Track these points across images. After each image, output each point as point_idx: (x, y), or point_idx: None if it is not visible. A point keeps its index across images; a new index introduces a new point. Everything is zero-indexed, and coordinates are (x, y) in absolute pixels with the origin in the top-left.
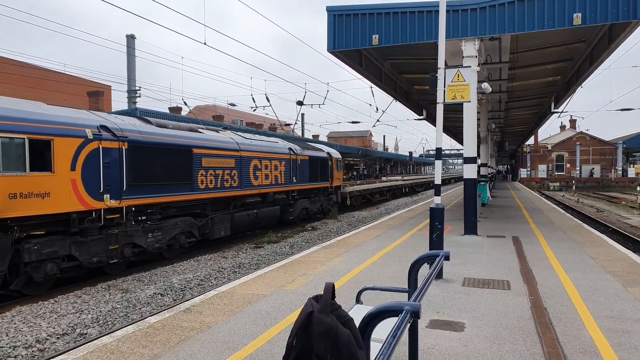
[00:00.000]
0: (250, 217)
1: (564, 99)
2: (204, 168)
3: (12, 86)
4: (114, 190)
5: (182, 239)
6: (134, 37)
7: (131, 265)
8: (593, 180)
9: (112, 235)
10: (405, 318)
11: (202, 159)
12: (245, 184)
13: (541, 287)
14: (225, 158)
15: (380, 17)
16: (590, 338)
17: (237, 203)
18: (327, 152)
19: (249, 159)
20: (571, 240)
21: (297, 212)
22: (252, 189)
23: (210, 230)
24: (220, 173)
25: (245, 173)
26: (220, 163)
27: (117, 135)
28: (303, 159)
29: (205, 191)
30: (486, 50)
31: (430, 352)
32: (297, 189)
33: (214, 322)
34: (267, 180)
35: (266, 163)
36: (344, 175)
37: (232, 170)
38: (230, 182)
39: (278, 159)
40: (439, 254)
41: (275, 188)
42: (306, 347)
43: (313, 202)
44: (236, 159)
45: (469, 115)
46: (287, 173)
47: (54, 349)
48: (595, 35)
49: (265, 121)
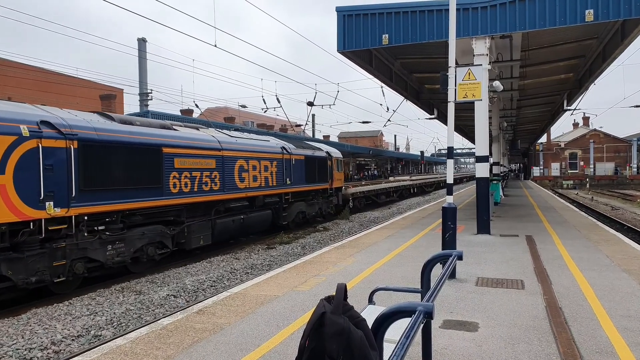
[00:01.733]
0: (236, 224)
1: (576, 96)
2: (178, 170)
3: (25, 90)
4: (59, 197)
5: (151, 251)
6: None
7: (88, 282)
8: (607, 178)
9: (59, 249)
10: (418, 319)
11: (175, 159)
12: (228, 186)
13: (556, 286)
14: (203, 158)
15: (390, 16)
16: (606, 338)
17: (220, 208)
18: (326, 151)
19: (233, 158)
20: (586, 239)
21: (292, 217)
22: (237, 192)
23: (187, 240)
24: (197, 175)
25: (229, 175)
26: (198, 164)
27: (63, 133)
28: (298, 158)
29: (179, 196)
30: (497, 48)
31: (443, 353)
32: (291, 192)
33: (226, 323)
34: (255, 182)
35: (254, 163)
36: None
37: (213, 171)
38: (211, 185)
39: (268, 158)
40: (452, 254)
41: (266, 191)
42: (319, 349)
43: (310, 206)
44: (217, 159)
45: (481, 113)
46: (280, 174)
47: (69, 350)
48: (607, 31)
49: (276, 122)
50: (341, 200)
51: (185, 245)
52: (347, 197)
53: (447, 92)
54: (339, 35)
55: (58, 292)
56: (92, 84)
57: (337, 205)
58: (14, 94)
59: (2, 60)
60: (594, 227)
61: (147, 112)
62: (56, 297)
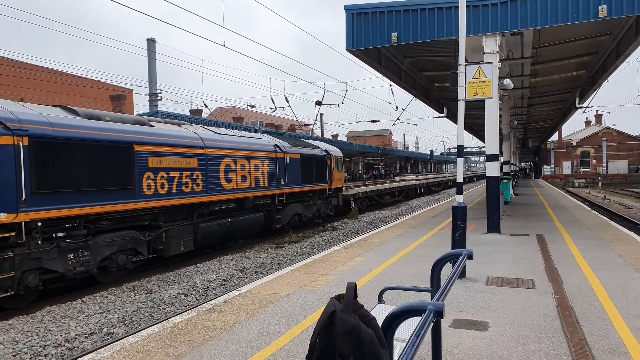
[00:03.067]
0: (222, 227)
1: (589, 94)
2: (153, 169)
3: (36, 91)
4: (5, 201)
5: (122, 259)
6: (154, 41)
7: (45, 296)
8: (620, 177)
9: (6, 260)
10: (428, 318)
11: (150, 158)
12: (213, 187)
13: (567, 285)
14: (183, 157)
15: (399, 14)
16: (619, 338)
17: (204, 211)
18: (324, 149)
19: (219, 157)
20: (598, 238)
21: (287, 219)
22: (223, 194)
23: (165, 246)
24: (176, 175)
25: (214, 175)
26: (177, 163)
27: (10, 128)
28: (293, 157)
29: (155, 198)
30: (508, 45)
31: (453, 352)
32: (285, 192)
33: (236, 321)
34: (244, 182)
35: (243, 162)
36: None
37: (195, 171)
38: (192, 186)
39: (259, 157)
40: (462, 253)
41: (256, 192)
42: (329, 347)
43: (307, 207)
44: (200, 157)
45: (491, 112)
46: (272, 174)
47: (82, 347)
48: (621, 27)
49: (285, 122)
50: (341, 202)
51: (163, 252)
52: (348, 198)
53: (457, 90)
54: (348, 33)
55: (8, 307)
56: (103, 84)
57: (337, 207)
58: (26, 95)
59: (16, 62)
60: (606, 226)
61: (156, 112)
62: (69, 295)
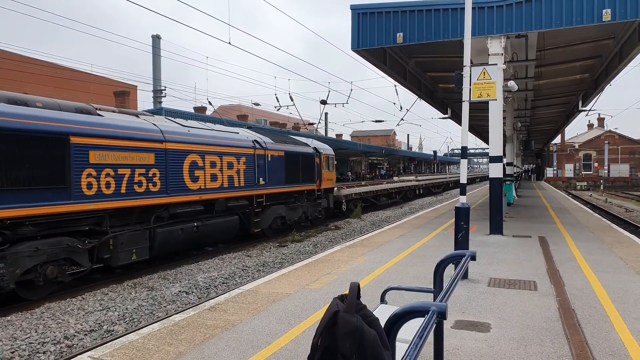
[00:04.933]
0: (187, 233)
1: (592, 97)
2: (95, 165)
3: (40, 86)
4: None
5: (52, 271)
6: (159, 38)
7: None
8: (622, 180)
9: None
10: (431, 319)
11: (91, 152)
12: (174, 187)
13: (569, 288)
14: (137, 151)
15: (405, 15)
16: (620, 340)
17: (163, 214)
18: (313, 146)
19: (183, 153)
20: (599, 241)
21: (268, 223)
22: (187, 195)
23: (113, 254)
24: (126, 173)
25: (176, 172)
26: (128, 158)
27: None
28: (276, 154)
29: (97, 199)
30: (512, 47)
31: (455, 353)
32: (265, 193)
33: (238, 320)
34: (214, 182)
35: (213, 159)
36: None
37: (151, 168)
38: (147, 185)
39: (234, 154)
40: (465, 254)
41: (229, 192)
42: (331, 347)
43: (292, 210)
44: (159, 152)
45: (495, 113)
46: (250, 172)
47: (82, 345)
48: (625, 31)
49: (289, 120)
50: (332, 203)
51: (111, 261)
52: (340, 200)
53: (461, 92)
54: (354, 33)
55: None
56: (107, 80)
57: (328, 209)
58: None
59: (20, 57)
60: (608, 228)
61: (160, 109)
62: (69, 292)
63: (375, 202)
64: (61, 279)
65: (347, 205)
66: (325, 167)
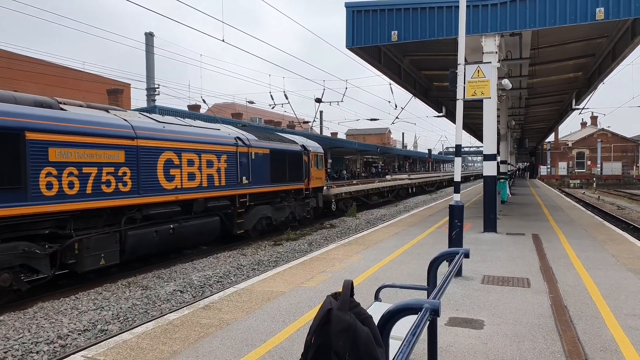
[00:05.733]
0: (162, 235)
1: (585, 96)
2: (56, 164)
3: (31, 84)
4: None
5: (5, 279)
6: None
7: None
8: (614, 178)
9: None
10: (425, 316)
11: (51, 149)
12: (148, 187)
13: (561, 284)
14: (104, 149)
15: (400, 13)
16: (611, 336)
17: (136, 216)
18: (301, 144)
19: (156, 150)
20: (592, 238)
21: (252, 224)
22: (161, 195)
23: (79, 259)
24: (92, 171)
25: (149, 171)
26: (94, 156)
27: None
28: (260, 152)
29: (58, 200)
30: (506, 46)
31: (449, 350)
32: (249, 193)
33: (232, 319)
34: (192, 181)
35: (190, 157)
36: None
37: (121, 167)
38: (117, 185)
39: (214, 151)
40: (458, 252)
41: (209, 192)
42: (325, 345)
43: (279, 210)
44: (129, 150)
45: (489, 112)
46: (232, 171)
47: (76, 344)
48: (618, 30)
49: (284, 119)
50: (321, 203)
51: (76, 266)
52: (330, 199)
53: (456, 90)
54: (348, 31)
55: None
56: (99, 78)
57: (317, 209)
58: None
59: (11, 54)
60: (600, 226)
61: (154, 107)
62: (63, 291)
63: (366, 201)
64: (17, 287)
65: (337, 205)
66: (314, 166)
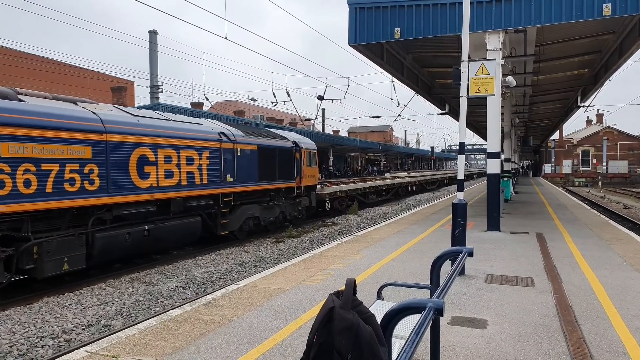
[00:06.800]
0: (136, 237)
1: (591, 93)
2: (8, 160)
3: (36, 82)
4: None
5: None
6: (156, 33)
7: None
8: (620, 176)
9: None
10: (428, 315)
11: (3, 143)
12: (118, 185)
13: (566, 284)
14: (67, 143)
15: (403, 9)
16: (617, 337)
17: (105, 216)
18: (292, 140)
19: (129, 146)
20: (597, 237)
21: (238, 224)
22: (134, 194)
23: (38, 264)
24: (53, 168)
25: (119, 168)
26: (55, 152)
27: None
28: (247, 148)
29: (11, 200)
30: (511, 42)
31: (452, 349)
32: (234, 192)
33: (234, 315)
34: (169, 179)
35: (168, 153)
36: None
37: (87, 163)
38: (82, 182)
39: (195, 147)
40: (462, 250)
41: (189, 191)
42: (327, 344)
43: (267, 209)
44: (97, 145)
45: (493, 109)
46: (215, 168)
47: (80, 339)
48: (625, 26)
49: (286, 116)
50: (314, 202)
51: (36, 272)
52: (323, 198)
53: (459, 87)
54: (351, 28)
55: None
56: (104, 75)
57: (310, 208)
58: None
59: (16, 52)
60: (606, 225)
61: (157, 105)
62: (67, 286)
63: (363, 200)
64: None
65: (332, 204)
66: (307, 163)
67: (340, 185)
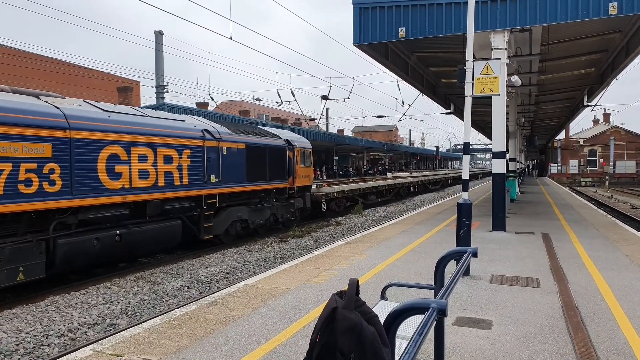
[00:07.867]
0: (106, 243)
1: (597, 92)
2: None
3: (44, 82)
4: None
5: None
6: (162, 33)
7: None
8: (628, 176)
9: None
10: (431, 316)
11: None
12: (85, 186)
13: (572, 285)
14: (22, 140)
15: (407, 9)
16: (624, 339)
17: (70, 221)
18: (285, 138)
19: (97, 144)
20: (604, 238)
21: (224, 227)
22: (104, 196)
23: None
24: (5, 168)
25: (86, 168)
26: (6, 150)
27: None
28: (233, 147)
29: None
30: (516, 42)
31: (456, 350)
32: (219, 193)
33: (239, 315)
34: (145, 180)
35: (142, 152)
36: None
37: (47, 162)
38: (41, 183)
39: (174, 145)
40: (466, 251)
41: (167, 192)
42: (330, 344)
43: (257, 211)
44: (59, 142)
45: (498, 109)
46: (197, 168)
47: (85, 338)
48: (632, 25)
49: (291, 116)
50: (309, 203)
51: None
52: (319, 199)
53: (464, 87)
54: (355, 28)
55: None
56: (110, 76)
57: (304, 209)
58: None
59: (24, 53)
60: (613, 225)
61: (163, 105)
62: (73, 285)
63: (363, 201)
64: None
65: (328, 205)
66: (301, 162)
67: (338, 186)
